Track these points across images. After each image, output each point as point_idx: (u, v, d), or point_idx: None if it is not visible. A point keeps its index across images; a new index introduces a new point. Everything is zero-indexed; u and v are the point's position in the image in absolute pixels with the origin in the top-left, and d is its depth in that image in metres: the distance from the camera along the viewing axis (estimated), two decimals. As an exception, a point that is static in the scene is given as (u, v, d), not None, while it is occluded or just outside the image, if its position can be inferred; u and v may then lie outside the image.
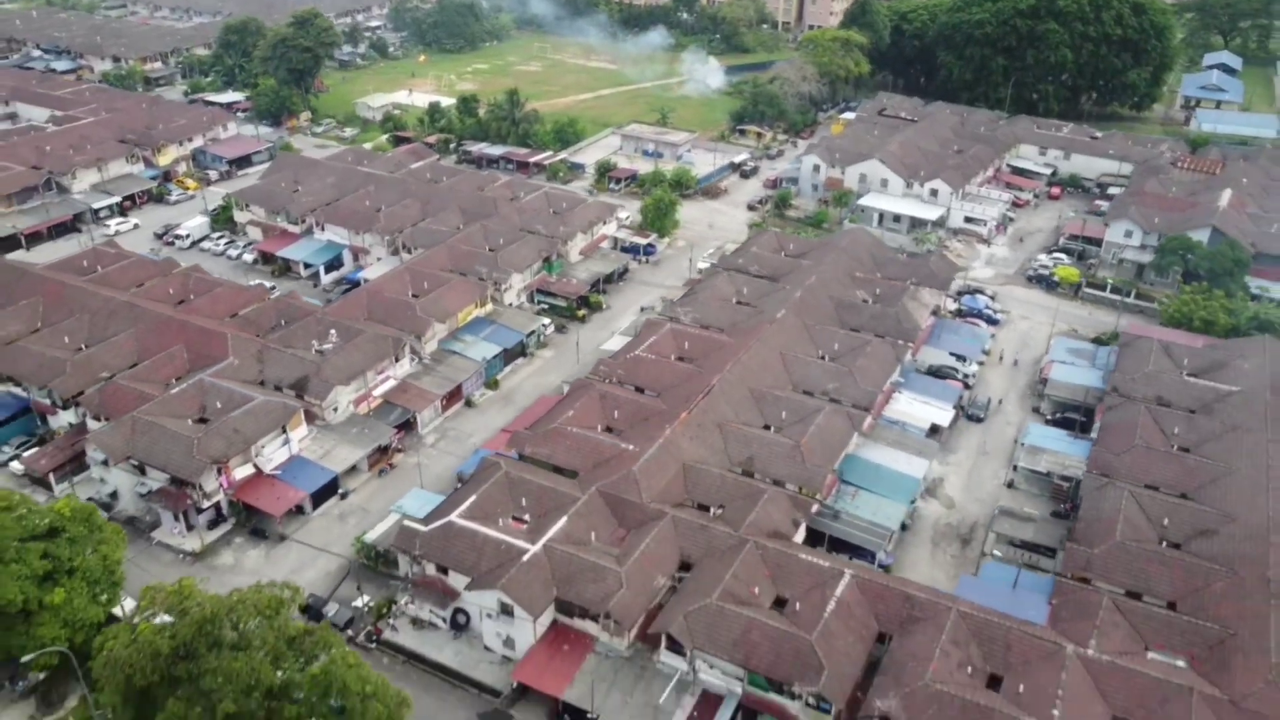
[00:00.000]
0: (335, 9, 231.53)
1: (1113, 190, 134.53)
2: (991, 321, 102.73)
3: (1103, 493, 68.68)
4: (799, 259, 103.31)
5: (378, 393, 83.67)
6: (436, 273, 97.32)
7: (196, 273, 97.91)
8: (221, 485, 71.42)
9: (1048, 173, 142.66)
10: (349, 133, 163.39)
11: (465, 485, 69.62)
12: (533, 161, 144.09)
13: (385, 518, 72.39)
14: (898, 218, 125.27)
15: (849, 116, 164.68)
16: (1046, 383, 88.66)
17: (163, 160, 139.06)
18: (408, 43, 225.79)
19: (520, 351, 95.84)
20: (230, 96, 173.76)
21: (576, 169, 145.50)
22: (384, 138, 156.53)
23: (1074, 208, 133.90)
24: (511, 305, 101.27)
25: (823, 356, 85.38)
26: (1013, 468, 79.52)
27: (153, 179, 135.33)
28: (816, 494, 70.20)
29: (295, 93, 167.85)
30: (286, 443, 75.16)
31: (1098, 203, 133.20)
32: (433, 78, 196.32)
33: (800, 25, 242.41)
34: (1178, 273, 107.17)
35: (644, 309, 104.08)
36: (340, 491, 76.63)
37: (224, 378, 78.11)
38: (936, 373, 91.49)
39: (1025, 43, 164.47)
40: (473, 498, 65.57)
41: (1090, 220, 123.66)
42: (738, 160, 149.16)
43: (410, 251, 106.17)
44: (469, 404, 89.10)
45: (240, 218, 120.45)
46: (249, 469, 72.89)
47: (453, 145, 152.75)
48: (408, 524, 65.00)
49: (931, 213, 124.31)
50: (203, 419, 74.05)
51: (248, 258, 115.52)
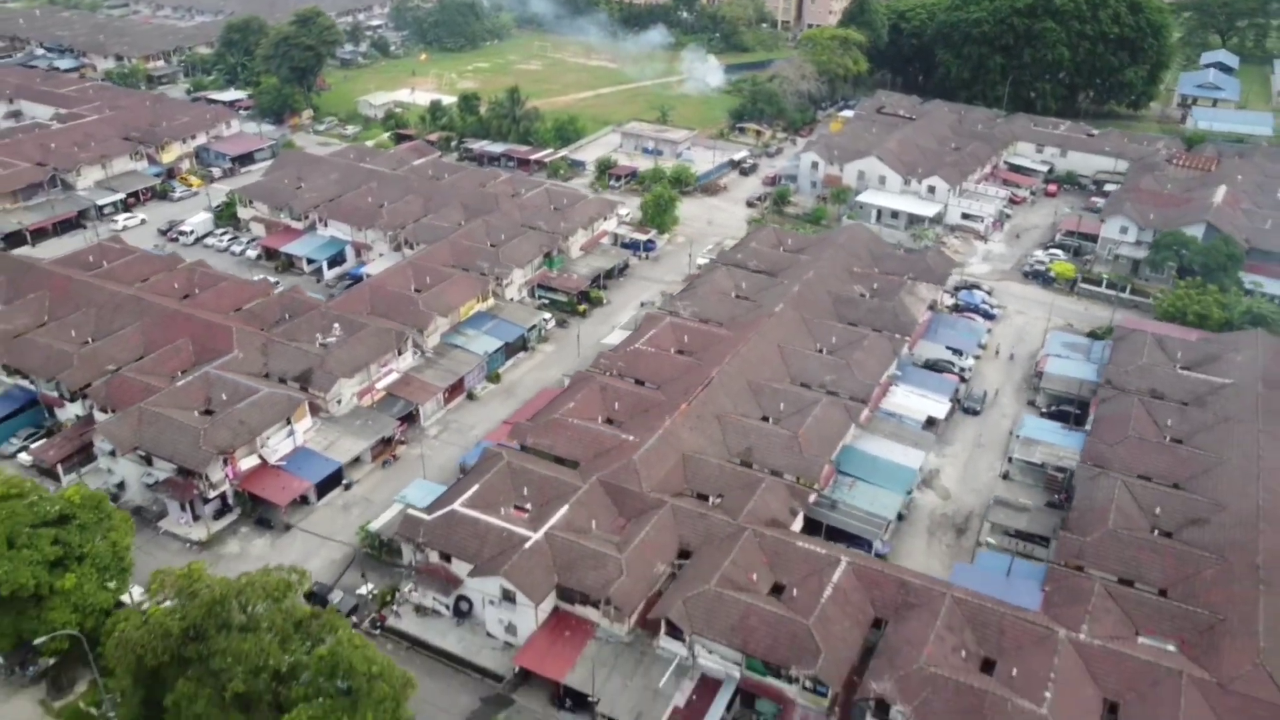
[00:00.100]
0: (337, 8, 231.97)
1: (1109, 187, 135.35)
2: (988, 316, 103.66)
3: (1096, 483, 69.59)
4: (797, 254, 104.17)
5: (381, 385, 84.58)
6: (438, 268, 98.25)
7: (201, 268, 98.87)
8: (227, 475, 72.46)
9: (1044, 170, 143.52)
10: (351, 130, 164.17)
11: (468, 475, 70.48)
12: (533, 159, 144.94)
13: (389, 507, 73.67)
14: (895, 214, 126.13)
15: (847, 114, 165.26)
16: (1042, 376, 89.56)
17: (166, 158, 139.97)
18: (409, 41, 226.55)
19: (521, 345, 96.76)
20: (233, 95, 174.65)
21: (577, 166, 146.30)
22: (386, 135, 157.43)
23: (1070, 204, 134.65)
24: (513, 300, 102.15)
25: (820, 350, 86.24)
26: (1008, 459, 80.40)
27: (156, 176, 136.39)
28: (814, 484, 71.14)
29: (297, 91, 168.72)
30: (291, 434, 76.15)
31: (1094, 199, 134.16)
32: (434, 76, 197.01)
33: (799, 24, 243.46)
34: (1172, 268, 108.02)
35: (644, 304, 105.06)
36: (344, 482, 77.57)
37: (229, 370, 79.11)
38: (933, 366, 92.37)
39: (1023, 41, 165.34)
40: (475, 487, 66.47)
41: (1086, 216, 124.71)
42: (737, 158, 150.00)
43: (412, 247, 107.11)
44: (471, 397, 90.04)
45: (244, 214, 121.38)
46: (254, 459, 73.98)
47: (454, 143, 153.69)
48: (411, 513, 66.03)
49: (929, 209, 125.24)
50: (209, 410, 75.11)
51: (251, 253, 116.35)
